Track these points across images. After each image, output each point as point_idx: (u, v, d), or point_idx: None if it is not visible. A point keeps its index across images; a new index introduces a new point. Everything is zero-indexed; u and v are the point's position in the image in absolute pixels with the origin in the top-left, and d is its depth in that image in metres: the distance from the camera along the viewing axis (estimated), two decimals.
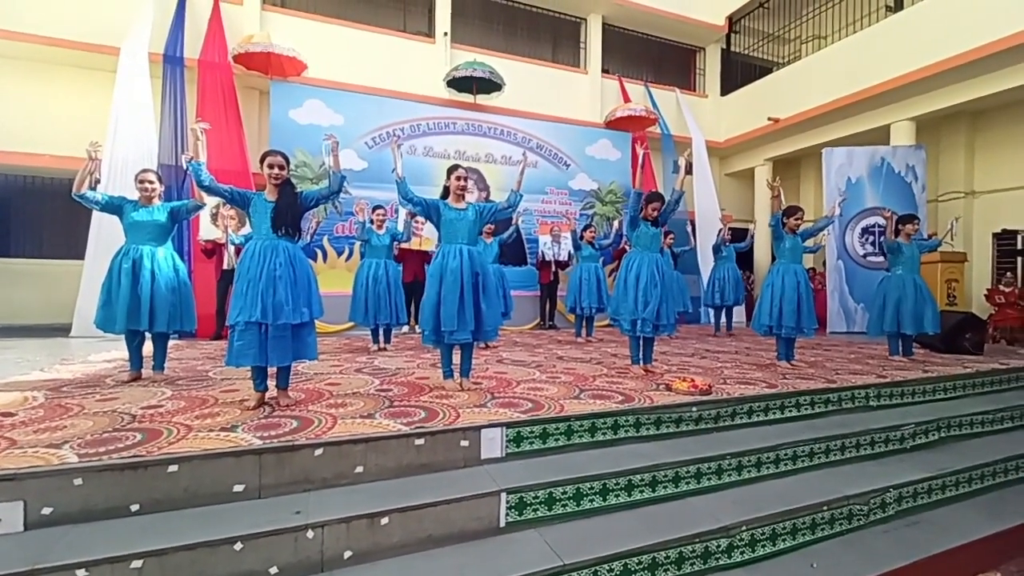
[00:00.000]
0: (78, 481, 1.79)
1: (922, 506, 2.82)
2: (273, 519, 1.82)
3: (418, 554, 1.94)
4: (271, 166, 2.72)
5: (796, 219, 4.26)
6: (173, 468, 1.90)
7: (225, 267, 5.57)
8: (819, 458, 2.91)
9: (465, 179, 3.19)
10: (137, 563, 1.61)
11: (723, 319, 7.23)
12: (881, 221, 7.43)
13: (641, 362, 3.89)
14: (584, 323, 6.21)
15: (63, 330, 5.93)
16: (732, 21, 10.26)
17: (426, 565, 1.89)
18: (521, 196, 3.36)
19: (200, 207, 3.51)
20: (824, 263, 8.04)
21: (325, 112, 7.04)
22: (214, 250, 5.82)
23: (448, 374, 3.23)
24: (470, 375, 3.27)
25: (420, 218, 7.03)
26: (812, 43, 9.50)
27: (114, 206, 3.29)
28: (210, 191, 2.82)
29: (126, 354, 3.40)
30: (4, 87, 6.44)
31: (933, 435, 3.34)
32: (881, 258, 6.95)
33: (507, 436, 2.43)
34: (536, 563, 1.90)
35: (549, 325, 7.63)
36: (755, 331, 4.40)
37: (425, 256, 6.70)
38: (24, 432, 2.17)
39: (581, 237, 6.30)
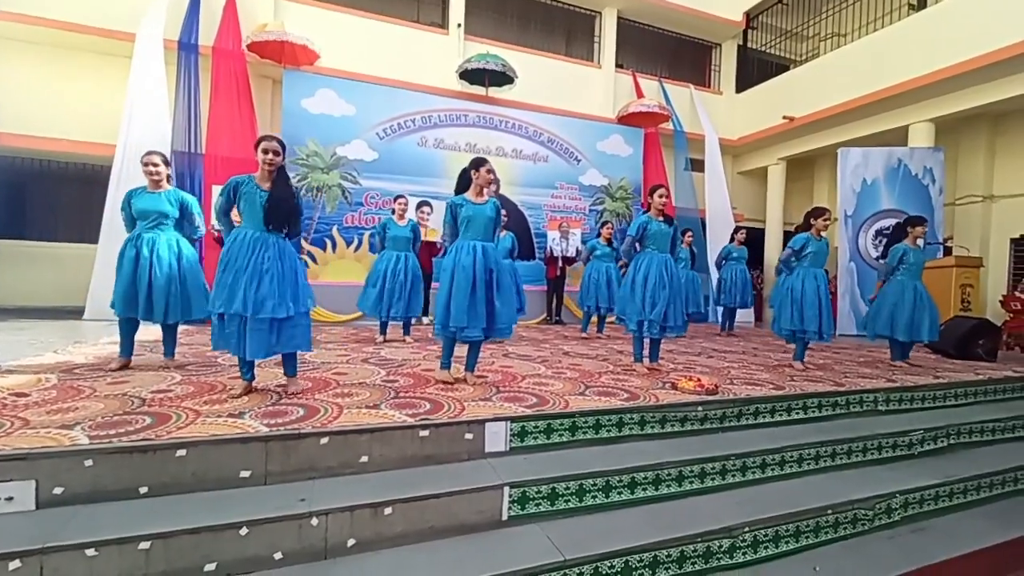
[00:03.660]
0: (89, 462, 1.82)
1: (929, 513, 2.79)
2: (278, 506, 1.84)
3: (420, 545, 1.95)
4: (266, 151, 2.63)
5: (824, 220, 4.17)
6: (181, 452, 1.92)
7: None
8: (825, 461, 2.89)
9: (494, 172, 3.15)
10: (145, 544, 1.63)
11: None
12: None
13: (646, 360, 3.87)
14: (597, 320, 6.21)
15: (76, 312, 6.03)
16: (749, 17, 10.10)
17: (428, 556, 1.90)
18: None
19: (200, 235, 3.54)
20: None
21: (337, 102, 7.05)
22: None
23: (446, 365, 3.16)
24: (475, 369, 3.26)
25: (426, 209, 7.07)
26: (831, 41, 9.34)
27: (128, 207, 3.28)
28: (227, 213, 2.79)
29: (143, 338, 3.43)
30: (21, 72, 6.51)
31: (942, 442, 3.30)
32: None
33: (511, 430, 2.44)
34: (537, 557, 1.91)
35: (556, 320, 7.63)
36: (777, 335, 4.35)
37: (432, 247, 6.67)
38: (37, 413, 2.20)
39: (598, 235, 6.26)
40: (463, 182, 3.16)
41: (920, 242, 4.72)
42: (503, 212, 3.47)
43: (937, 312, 4.63)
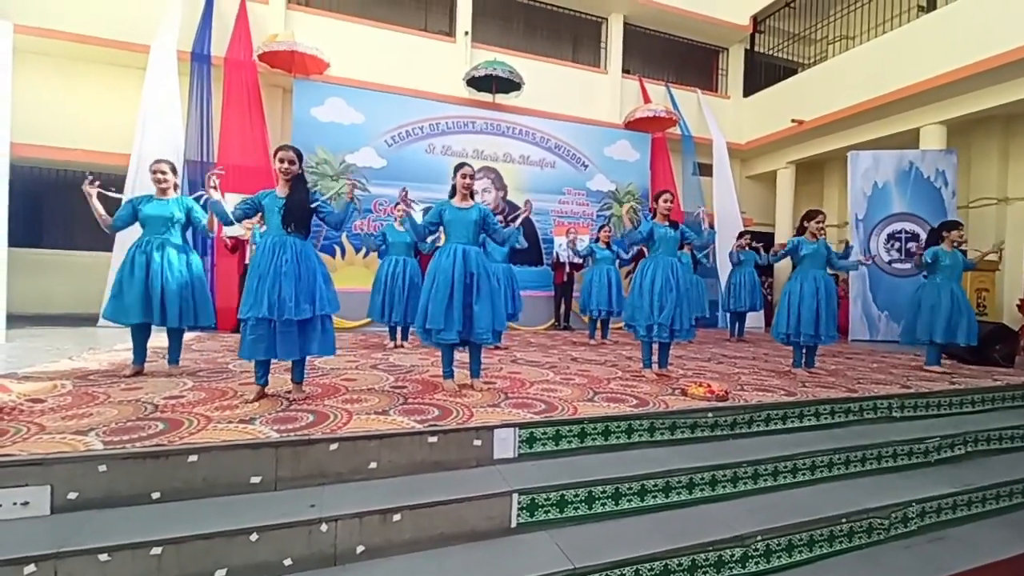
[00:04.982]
0: (103, 468, 1.84)
1: (946, 522, 2.73)
2: (288, 511, 1.85)
3: (429, 551, 1.95)
4: (282, 160, 2.76)
5: (817, 223, 4.16)
6: (193, 458, 1.94)
7: (248, 262, 5.67)
8: (838, 469, 2.84)
9: (470, 178, 3.14)
10: (157, 550, 1.65)
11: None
12: (908, 227, 7.29)
13: (655, 366, 3.85)
14: (600, 325, 6.17)
15: (91, 320, 6.11)
16: (757, 21, 10.07)
17: (437, 563, 1.89)
18: (518, 234, 3.44)
19: (210, 236, 3.60)
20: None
21: (346, 110, 7.12)
22: (236, 245, 5.93)
23: (448, 374, 3.16)
24: (480, 375, 3.26)
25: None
26: (839, 43, 9.28)
27: (131, 214, 3.30)
28: (239, 220, 2.91)
29: (154, 344, 3.46)
30: (37, 83, 6.65)
31: (959, 449, 3.24)
32: (908, 265, 6.77)
33: (520, 437, 2.43)
34: (547, 565, 1.89)
35: (564, 326, 7.60)
36: (774, 338, 4.33)
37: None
38: (52, 418, 2.24)
39: (596, 239, 6.25)
40: (452, 189, 3.21)
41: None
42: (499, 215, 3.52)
43: (974, 316, 4.55)
